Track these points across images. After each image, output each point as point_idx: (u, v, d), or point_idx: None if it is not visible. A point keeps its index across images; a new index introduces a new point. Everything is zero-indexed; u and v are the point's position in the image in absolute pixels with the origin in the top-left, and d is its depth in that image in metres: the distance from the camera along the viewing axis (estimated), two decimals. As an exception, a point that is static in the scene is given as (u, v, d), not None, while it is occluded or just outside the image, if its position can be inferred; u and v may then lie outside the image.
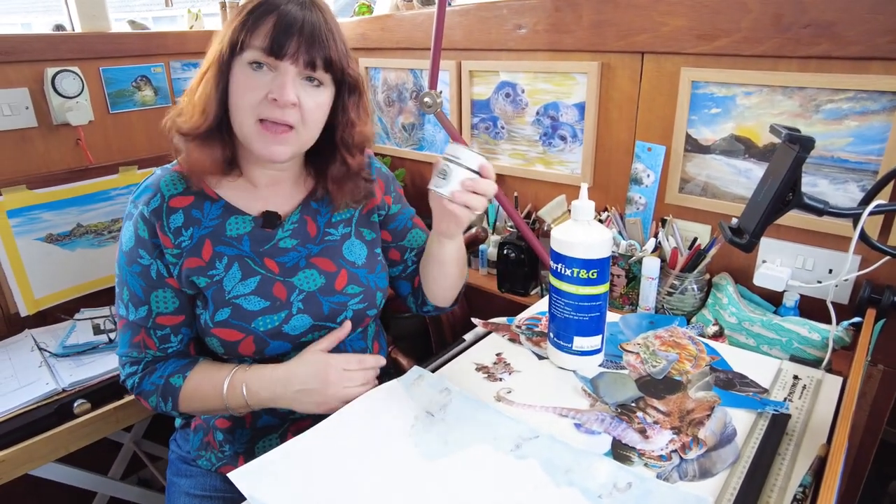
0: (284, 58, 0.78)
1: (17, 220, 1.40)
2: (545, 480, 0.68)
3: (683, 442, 0.74)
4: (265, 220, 0.89)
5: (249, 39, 0.78)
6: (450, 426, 0.78)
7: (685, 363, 0.92)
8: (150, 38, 1.59)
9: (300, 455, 0.75)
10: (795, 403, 0.81)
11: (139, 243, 0.86)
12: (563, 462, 0.70)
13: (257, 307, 0.87)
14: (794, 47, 1.00)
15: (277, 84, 0.78)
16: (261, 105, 0.79)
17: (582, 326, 0.88)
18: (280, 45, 0.77)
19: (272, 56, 0.78)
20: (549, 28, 1.29)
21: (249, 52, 0.78)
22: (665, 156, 1.20)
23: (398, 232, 1.04)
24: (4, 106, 1.37)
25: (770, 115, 1.06)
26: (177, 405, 0.88)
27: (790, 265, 1.09)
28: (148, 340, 0.89)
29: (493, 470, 0.70)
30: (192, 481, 0.99)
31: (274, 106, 0.79)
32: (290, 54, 0.78)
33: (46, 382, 1.20)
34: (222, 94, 0.81)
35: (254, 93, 0.79)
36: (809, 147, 0.67)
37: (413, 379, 0.87)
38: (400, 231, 1.04)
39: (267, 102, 0.79)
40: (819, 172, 1.03)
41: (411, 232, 1.05)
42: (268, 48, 0.77)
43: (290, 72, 0.79)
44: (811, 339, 0.99)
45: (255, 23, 0.78)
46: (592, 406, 0.83)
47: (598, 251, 0.85)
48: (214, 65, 0.81)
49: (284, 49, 0.77)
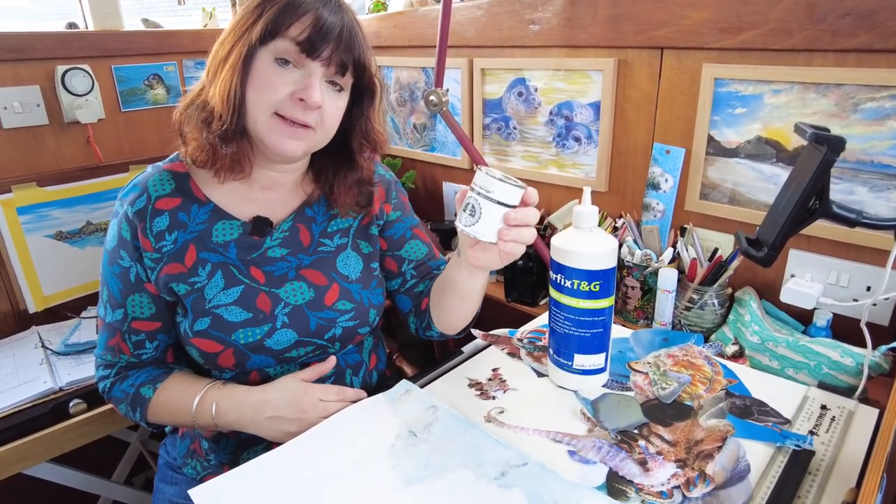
0: (317, 59, 0.76)
1: (28, 218, 1.40)
2: (529, 513, 0.62)
3: (688, 477, 0.67)
4: (254, 227, 0.85)
5: (285, 31, 0.74)
6: (432, 448, 0.72)
7: (698, 386, 0.83)
8: (162, 37, 1.58)
9: (269, 472, 0.70)
10: (822, 437, 0.72)
11: (121, 244, 0.83)
12: (552, 495, 0.63)
13: (238, 318, 0.82)
14: (830, 39, 0.90)
15: (304, 84, 0.75)
16: (283, 103, 0.76)
17: (583, 343, 0.81)
18: (316, 45, 0.75)
19: (304, 54, 0.75)
20: (563, 23, 1.22)
21: (281, 42, 0.74)
22: (685, 159, 1.12)
23: (395, 241, 0.97)
24: (16, 103, 1.38)
25: (801, 115, 0.96)
26: (145, 416, 0.85)
27: (822, 280, 0.99)
28: (122, 345, 0.86)
29: (473, 499, 0.64)
30: (176, 490, 0.96)
31: (298, 106, 0.76)
32: (324, 57, 0.76)
33: (44, 381, 1.19)
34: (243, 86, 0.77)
35: (277, 89, 0.75)
36: (839, 148, 0.58)
37: (400, 394, 0.81)
38: (397, 240, 0.97)
39: (290, 101, 0.76)
40: (857, 178, 0.93)
41: (409, 242, 0.98)
42: (303, 44, 0.74)
43: (318, 73, 0.76)
44: (843, 365, 0.89)
45: (291, 16, 0.74)
46: (590, 431, 0.75)
47: (602, 261, 0.77)
48: (240, 53, 0.75)
49: (320, 50, 0.75)
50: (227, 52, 0.76)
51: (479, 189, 0.70)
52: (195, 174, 0.85)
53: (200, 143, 0.80)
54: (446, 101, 1.18)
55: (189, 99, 0.82)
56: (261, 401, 0.80)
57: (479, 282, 0.85)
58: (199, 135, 0.80)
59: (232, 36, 0.77)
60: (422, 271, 0.99)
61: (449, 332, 0.96)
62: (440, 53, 1.14)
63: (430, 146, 1.63)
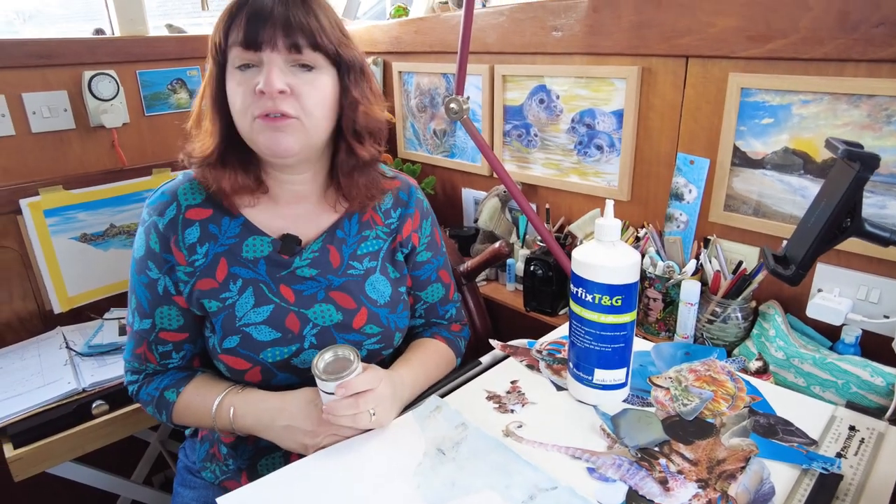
0: (263, 47, 0.74)
1: (54, 220, 1.43)
2: (554, 538, 0.61)
3: (710, 498, 0.65)
4: (283, 246, 0.84)
5: (230, 41, 0.75)
6: (460, 466, 0.71)
7: (721, 403, 0.82)
8: (185, 42, 1.60)
9: (295, 484, 0.71)
10: (850, 461, 0.70)
11: (149, 254, 0.84)
12: None
13: (268, 338, 0.83)
14: (864, 49, 0.88)
15: (262, 76, 0.74)
16: (253, 103, 0.75)
17: (604, 358, 0.80)
18: (254, 35, 0.73)
19: (250, 49, 0.74)
20: (586, 30, 1.20)
21: (232, 52, 0.75)
22: (709, 169, 1.09)
23: (420, 282, 0.98)
24: (44, 108, 1.41)
25: (832, 127, 0.94)
26: (171, 418, 0.87)
27: (851, 296, 0.97)
28: (149, 354, 0.87)
29: None
30: (195, 493, 0.97)
31: (263, 98, 0.74)
32: (267, 41, 0.73)
33: (68, 382, 1.21)
34: (224, 109, 0.79)
35: (244, 91, 0.75)
36: (873, 166, 0.57)
37: (429, 411, 0.81)
38: (422, 282, 0.99)
39: (255, 98, 0.75)
40: (890, 193, 0.91)
41: (432, 285, 1.00)
42: (243, 41, 0.73)
43: (274, 61, 0.75)
44: (873, 384, 0.86)
45: (230, 22, 0.75)
46: (610, 448, 0.74)
47: (624, 276, 0.76)
48: (210, 83, 0.79)
49: (259, 37, 0.73)
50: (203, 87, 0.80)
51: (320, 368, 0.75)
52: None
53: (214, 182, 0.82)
54: (467, 109, 1.17)
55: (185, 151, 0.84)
56: (278, 408, 0.80)
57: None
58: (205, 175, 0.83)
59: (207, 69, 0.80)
60: (429, 314, 1.02)
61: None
62: (461, 61, 1.14)
63: (449, 152, 1.63)
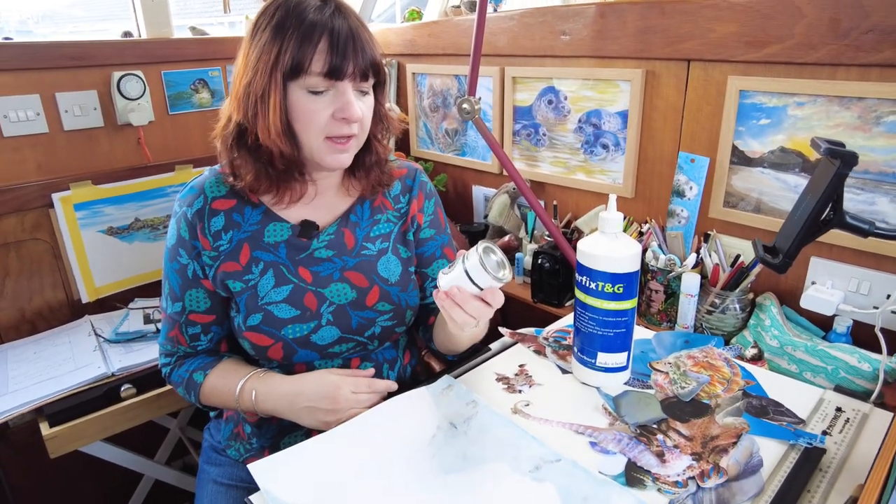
0: (344, 78, 0.80)
1: (83, 213, 1.50)
2: (559, 507, 0.65)
3: (703, 469, 0.71)
4: (302, 230, 0.91)
5: (308, 65, 0.78)
6: (471, 440, 0.76)
7: (716, 386, 0.87)
8: (208, 44, 1.67)
9: (319, 453, 0.76)
10: (835, 437, 0.75)
11: (180, 243, 0.90)
12: (581, 490, 0.67)
13: (288, 315, 0.89)
14: (854, 54, 0.93)
15: (342, 103, 0.81)
16: (328, 125, 0.82)
17: (607, 342, 0.85)
18: (339, 69, 0.79)
19: (333, 79, 0.80)
20: (593, 34, 1.26)
21: (309, 79, 0.79)
22: (709, 168, 1.15)
23: (424, 259, 1.02)
24: (76, 107, 1.48)
25: (825, 127, 0.99)
26: (199, 399, 0.94)
27: (843, 288, 1.02)
28: (181, 337, 0.93)
29: (508, 490, 0.68)
30: (220, 470, 1.03)
31: (343, 124, 0.82)
32: (349, 73, 0.80)
33: (98, 366, 1.27)
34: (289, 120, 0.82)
35: (320, 115, 0.81)
36: (851, 163, 0.62)
37: (442, 388, 0.86)
38: (426, 259, 1.02)
39: (334, 122, 0.82)
40: (878, 190, 0.96)
41: (437, 261, 1.03)
42: (329, 74, 0.79)
43: (349, 89, 0.81)
44: (860, 370, 0.91)
45: (308, 46, 0.78)
46: (611, 425, 0.80)
47: (626, 265, 0.82)
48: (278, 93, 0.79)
49: (344, 71, 0.80)
50: (261, 91, 0.79)
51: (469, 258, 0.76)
52: None
53: (257, 177, 0.85)
54: (478, 110, 1.23)
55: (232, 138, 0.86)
56: (296, 392, 0.86)
57: (462, 336, 0.90)
58: (259, 171, 0.85)
59: (261, 74, 0.79)
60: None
61: (444, 353, 1.02)
62: (474, 63, 1.19)
63: (461, 151, 1.69)
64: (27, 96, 1.40)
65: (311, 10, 0.80)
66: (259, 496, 0.70)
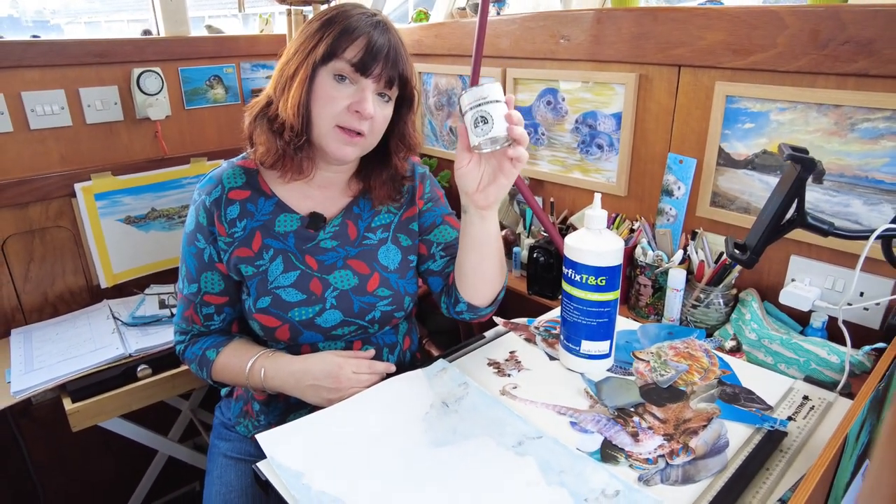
0: (369, 76, 0.88)
1: (103, 203, 1.58)
2: (538, 478, 0.72)
3: (672, 448, 0.77)
4: (310, 222, 0.98)
5: (341, 53, 0.87)
6: (461, 417, 0.83)
7: (694, 374, 0.93)
8: (223, 42, 1.74)
9: (321, 426, 0.83)
10: (798, 423, 0.81)
11: (198, 228, 0.97)
12: (560, 464, 0.73)
13: (294, 299, 0.96)
14: (832, 64, 0.98)
15: (359, 98, 0.88)
16: (342, 114, 0.89)
17: (590, 331, 0.91)
18: (367, 65, 0.88)
19: (359, 72, 0.88)
20: (591, 40, 1.31)
21: (339, 63, 0.87)
22: (696, 168, 1.20)
23: (426, 227, 1.07)
24: (98, 102, 1.55)
25: (804, 132, 1.04)
26: (210, 375, 1.01)
27: (820, 285, 1.07)
28: (195, 316, 1.00)
29: (492, 462, 0.75)
30: (230, 445, 1.10)
31: (355, 117, 0.89)
32: (375, 74, 0.88)
33: (116, 347, 1.35)
34: (308, 100, 0.89)
35: (337, 102, 0.88)
36: (811, 168, 0.68)
37: (436, 371, 0.93)
38: (427, 227, 1.06)
39: (348, 112, 0.89)
40: (853, 192, 1.01)
41: (439, 227, 1.06)
42: (357, 65, 0.87)
43: (370, 87, 0.89)
44: (829, 362, 0.97)
45: (346, 39, 0.87)
46: (591, 407, 0.86)
47: (609, 259, 0.88)
48: (306, 72, 0.88)
49: (370, 69, 0.88)
50: (293, 70, 0.89)
51: (479, 101, 0.80)
52: (263, 171, 0.99)
53: (269, 148, 0.93)
54: (479, 109, 1.29)
55: (258, 109, 0.95)
56: (302, 370, 0.93)
57: (491, 226, 0.92)
58: (269, 142, 0.92)
59: (297, 57, 0.89)
60: (451, 251, 1.05)
61: (477, 301, 1.00)
62: (475, 62, 1.25)
63: (463, 148, 1.75)
64: (53, 91, 1.48)
65: (359, 16, 0.89)
66: (265, 464, 0.77)
